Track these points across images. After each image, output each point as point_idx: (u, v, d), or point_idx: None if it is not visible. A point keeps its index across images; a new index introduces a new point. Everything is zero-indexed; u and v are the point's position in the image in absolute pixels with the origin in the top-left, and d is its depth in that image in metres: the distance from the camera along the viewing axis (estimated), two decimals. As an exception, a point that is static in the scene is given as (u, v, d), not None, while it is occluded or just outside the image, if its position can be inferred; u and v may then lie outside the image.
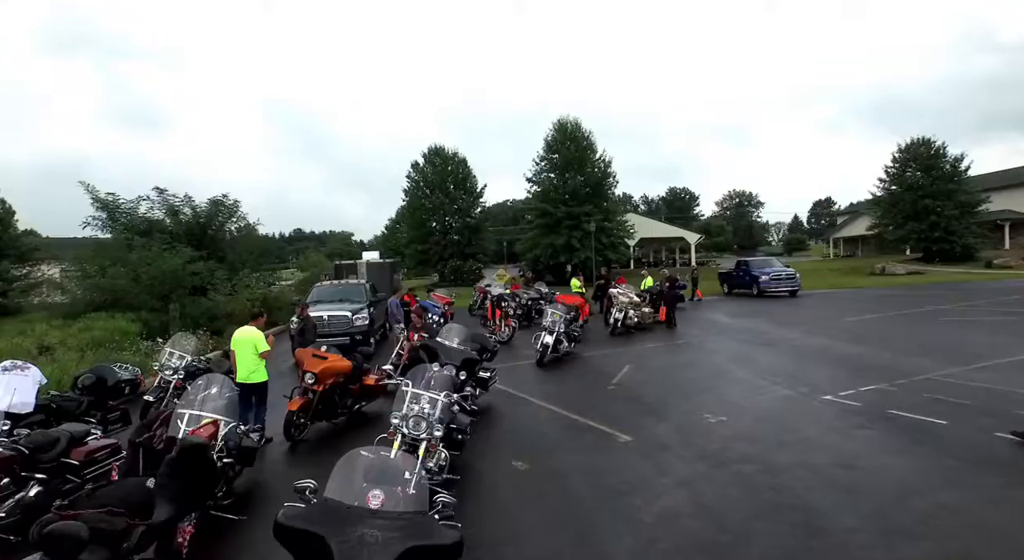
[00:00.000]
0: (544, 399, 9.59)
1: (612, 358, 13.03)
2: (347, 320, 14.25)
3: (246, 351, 8.14)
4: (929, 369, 9.98)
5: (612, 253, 39.42)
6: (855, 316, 17.85)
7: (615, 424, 7.95)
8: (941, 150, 42.51)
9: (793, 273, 26.17)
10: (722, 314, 20.34)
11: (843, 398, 8.59)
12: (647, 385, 10.23)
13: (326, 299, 15.61)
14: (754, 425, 7.68)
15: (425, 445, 5.53)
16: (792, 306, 22.42)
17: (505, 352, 14.69)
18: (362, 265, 20.90)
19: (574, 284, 20.61)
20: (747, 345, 13.80)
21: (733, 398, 9.06)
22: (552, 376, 11.63)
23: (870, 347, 12.45)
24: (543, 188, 41.10)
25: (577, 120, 41.12)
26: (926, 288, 27.11)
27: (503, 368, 12.24)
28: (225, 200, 22.71)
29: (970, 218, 41.15)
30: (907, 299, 22.62)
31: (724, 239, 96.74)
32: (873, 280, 33.65)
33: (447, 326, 9.10)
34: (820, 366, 11.00)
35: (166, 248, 17.18)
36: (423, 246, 44.66)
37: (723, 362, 11.95)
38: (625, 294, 16.79)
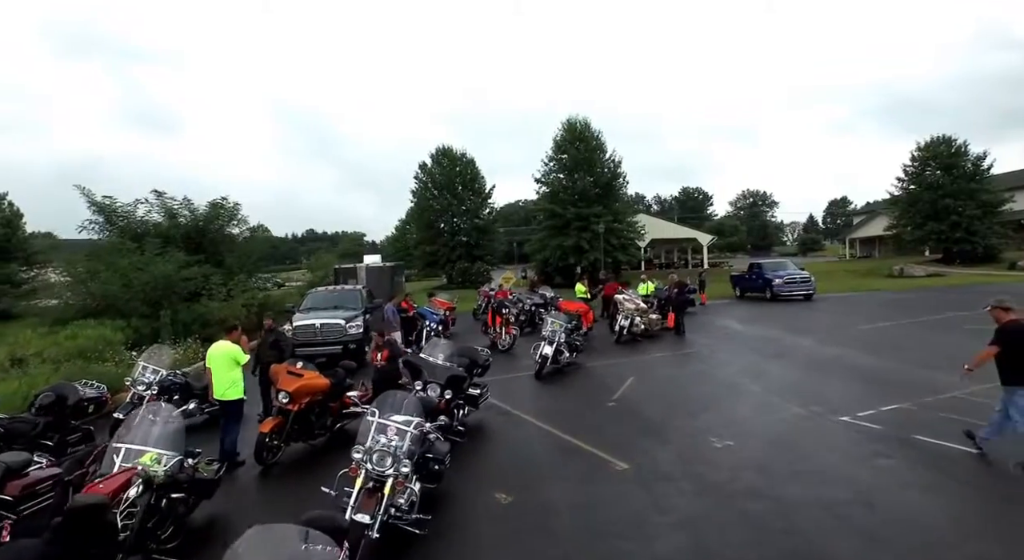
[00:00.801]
0: (538, 417, 8.99)
1: (615, 369, 12.39)
2: (340, 328, 13.74)
3: (222, 366, 7.66)
4: (955, 386, 9.21)
5: (622, 255, 38.72)
6: (872, 323, 17.03)
7: (612, 448, 7.33)
8: (962, 148, 41.26)
9: (807, 276, 25.30)
10: (733, 320, 19.59)
11: (861, 419, 7.90)
12: (650, 401, 9.58)
13: (320, 306, 15.12)
14: (764, 451, 7.02)
15: (391, 482, 4.96)
16: (806, 311, 21.59)
17: (505, 361, 14.14)
18: (361, 269, 20.40)
19: (578, 289, 19.99)
20: (758, 355, 13.09)
21: (741, 418, 8.40)
22: (550, 390, 11.02)
23: (889, 359, 11.70)
24: (552, 189, 40.45)
25: (586, 120, 40.50)
26: (947, 291, 26.10)
27: (500, 380, 11.69)
28: (225, 203, 22.36)
29: (992, 218, 39.89)
30: (927, 304, 21.70)
31: (738, 239, 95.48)
32: (891, 283, 32.62)
33: (432, 341, 8.53)
34: (836, 380, 10.29)
35: (158, 253, 16.78)
36: (431, 247, 44.16)
37: (732, 375, 11.27)
38: (631, 300, 16.13)
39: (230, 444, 7.60)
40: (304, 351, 13.61)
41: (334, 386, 8.03)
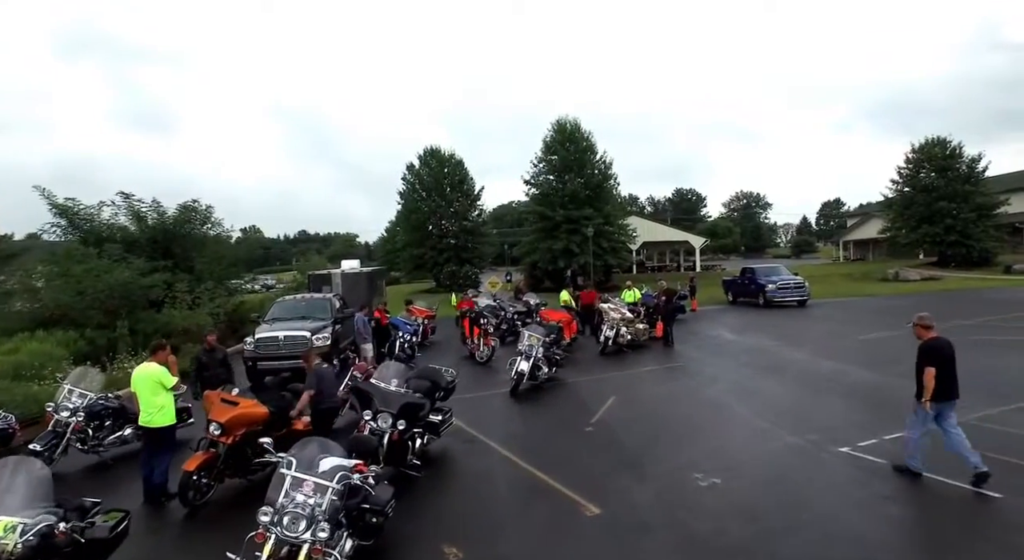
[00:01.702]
0: (508, 445, 8.14)
1: (596, 386, 11.57)
2: (305, 340, 12.83)
3: (147, 390, 6.77)
4: (965, 409, 8.44)
5: (613, 258, 37.92)
6: (870, 332, 16.28)
7: (584, 487, 6.50)
8: (957, 150, 40.71)
9: (802, 282, 24.58)
10: (725, 329, 18.82)
11: (863, 451, 7.10)
12: (631, 426, 8.76)
13: (287, 316, 14.22)
14: (754, 492, 6.20)
15: (307, 550, 4.11)
16: (800, 318, 20.86)
17: (482, 375, 13.33)
18: (336, 275, 19.40)
19: (563, 297, 19.07)
20: (750, 370, 12.30)
21: (730, 449, 7.58)
22: (524, 411, 10.18)
23: (891, 375, 10.91)
24: (541, 191, 39.60)
25: (576, 120, 39.64)
26: (944, 297, 25.43)
27: (473, 398, 10.91)
28: (197, 205, 21.42)
29: (987, 221, 39.36)
30: (927, 311, 20.92)
31: (731, 241, 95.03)
32: (886, 287, 31.98)
33: (384, 363, 7.66)
34: (833, 401, 9.51)
35: (117, 259, 15.85)
36: (418, 250, 43.21)
37: (721, 394, 10.46)
38: (616, 309, 15.32)
39: (160, 476, 6.74)
40: (267, 365, 12.78)
41: (275, 415, 7.17)
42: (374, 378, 7.37)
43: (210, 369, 8.93)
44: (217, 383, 8.91)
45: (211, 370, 8.92)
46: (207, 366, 8.96)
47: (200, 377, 8.93)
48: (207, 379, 8.83)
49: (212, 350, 9.14)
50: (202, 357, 9.10)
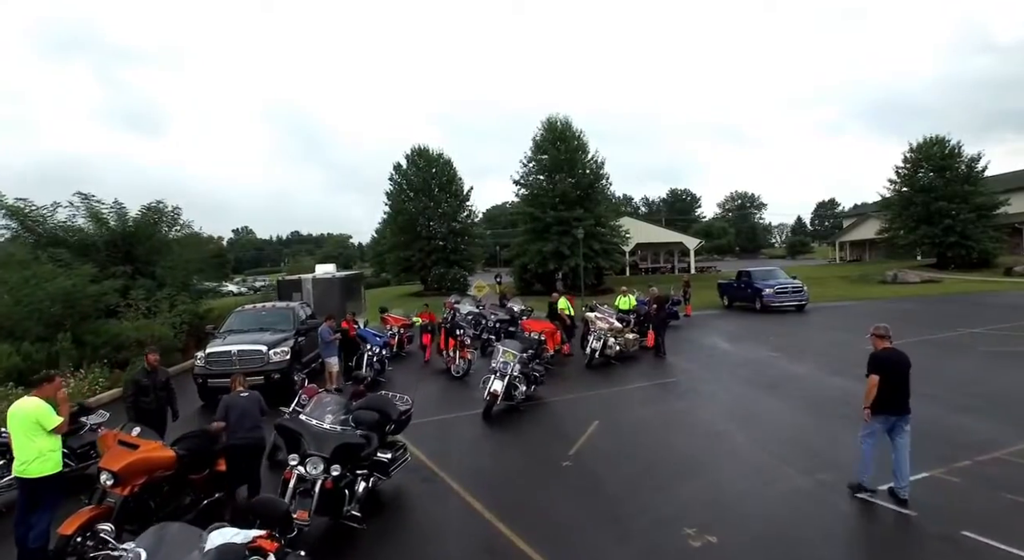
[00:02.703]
0: (470, 485, 7.02)
1: (579, 407, 10.46)
2: (261, 355, 11.68)
3: (21, 432, 5.58)
4: (995, 440, 7.41)
5: (604, 260, 36.76)
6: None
7: (553, 546, 5.39)
8: (956, 150, 39.84)
9: (800, 286, 23.57)
10: (720, 337, 17.75)
11: (884, 498, 6.01)
12: (613, 461, 7.64)
13: (244, 327, 13.06)
14: (756, 556, 5.11)
15: None
16: (799, 325, 19.82)
17: (456, 392, 12.21)
18: (307, 281, 18.21)
19: (561, 304, 17.51)
20: (748, 387, 11.22)
21: (728, 494, 6.46)
22: (495, 439, 9.05)
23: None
24: (531, 191, 38.45)
25: (567, 119, 38.48)
26: (947, 301, 24.46)
27: (442, 420, 9.84)
28: (162, 206, 20.23)
29: (987, 222, 38.49)
30: (930, 317, 20.00)
31: (726, 241, 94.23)
32: (885, 290, 31.02)
33: (318, 397, 6.51)
34: (843, 429, 8.39)
35: (62, 264, 14.65)
36: (405, 252, 41.99)
37: (717, 418, 9.37)
38: (604, 319, 14.22)
39: (37, 539, 5.53)
40: (218, 383, 11.61)
41: (188, 458, 6.02)
42: (305, 413, 6.20)
43: (149, 394, 7.70)
44: (158, 410, 7.79)
45: (151, 395, 7.70)
46: (146, 390, 7.71)
47: (136, 404, 7.66)
48: (145, 406, 7.64)
49: (153, 371, 7.90)
50: (140, 380, 7.82)
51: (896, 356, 6.07)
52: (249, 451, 6.37)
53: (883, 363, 6.02)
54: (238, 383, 6.84)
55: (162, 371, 8.17)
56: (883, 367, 5.99)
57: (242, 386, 6.86)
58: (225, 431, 6.25)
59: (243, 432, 6.32)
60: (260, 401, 6.67)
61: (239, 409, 6.42)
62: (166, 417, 7.84)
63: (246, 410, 6.44)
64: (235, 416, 6.36)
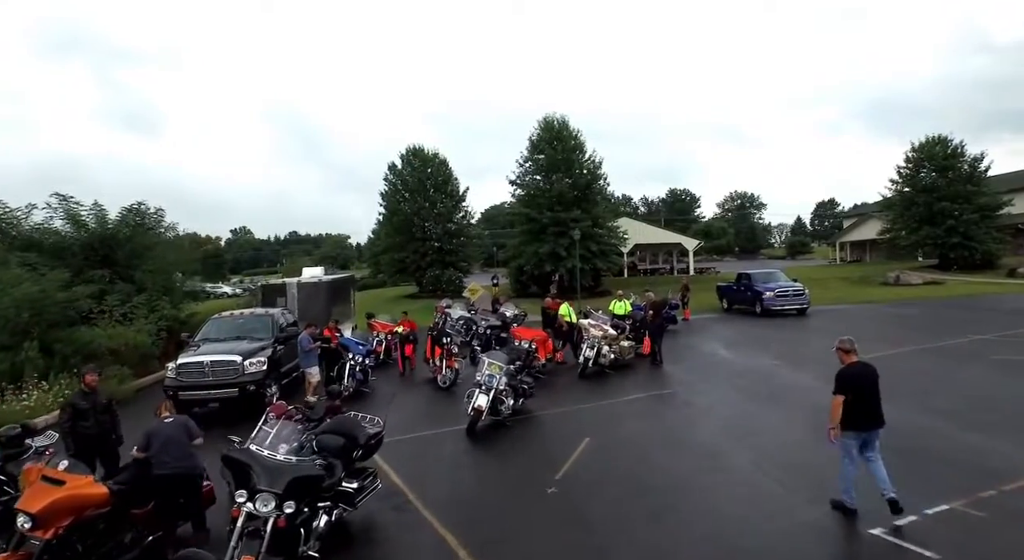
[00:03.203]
0: (446, 516, 6.41)
1: (569, 422, 9.87)
2: (236, 366, 11.06)
3: None
4: (1021, 466, 6.79)
5: (602, 262, 36.12)
6: (880, 350, 14.52)
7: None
8: (958, 149, 39.27)
9: (801, 289, 22.96)
10: (719, 343, 17.15)
11: (903, 536, 5.39)
12: (603, 486, 7.03)
13: (220, 335, 12.44)
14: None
15: None
16: (801, 330, 19.24)
17: (441, 404, 11.62)
18: (291, 286, 17.51)
19: (562, 310, 16.76)
20: (748, 399, 10.63)
21: (725, 526, 5.84)
22: (477, 459, 8.46)
23: (916, 411, 9.25)
24: (527, 192, 37.84)
25: (564, 118, 37.87)
26: (952, 305, 23.86)
27: (421, 438, 9.26)
28: (143, 208, 19.60)
29: (990, 222, 37.92)
30: (936, 322, 19.41)
31: (726, 241, 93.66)
32: (887, 292, 30.43)
33: (269, 423, 5.88)
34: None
35: (32, 268, 14.03)
36: (400, 254, 41.34)
37: (715, 435, 8.77)
38: (598, 326, 13.60)
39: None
40: (190, 395, 11.04)
41: (124, 494, 5.42)
42: (253, 442, 5.57)
43: (89, 418, 6.93)
44: (100, 435, 7.09)
45: (90, 419, 6.93)
46: (84, 414, 6.94)
47: (75, 429, 6.90)
48: (84, 431, 6.88)
49: (91, 393, 7.16)
50: (78, 403, 7.07)
51: (863, 370, 5.94)
52: (180, 483, 5.71)
53: (851, 380, 5.85)
54: (164, 409, 6.19)
55: (103, 392, 7.43)
56: (851, 384, 5.82)
57: (168, 412, 6.21)
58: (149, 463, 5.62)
59: (171, 462, 5.67)
60: (188, 426, 6.04)
61: (162, 437, 5.79)
62: (112, 442, 7.16)
63: (170, 438, 5.80)
64: (157, 445, 5.73)
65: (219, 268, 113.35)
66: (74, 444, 6.68)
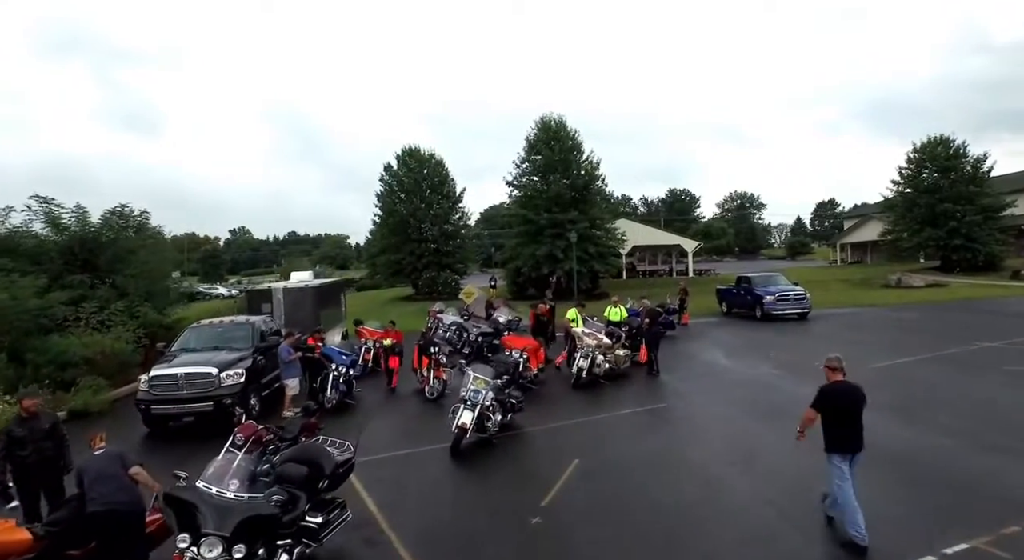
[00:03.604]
0: (419, 547, 5.91)
1: (559, 440, 9.35)
2: (211, 379, 10.54)
3: None
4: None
5: (599, 264, 35.56)
6: (885, 358, 14.13)
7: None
8: (961, 150, 38.75)
9: (802, 293, 22.44)
10: (719, 350, 16.64)
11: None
12: (590, 516, 6.51)
13: (198, 345, 11.91)
14: None
15: None
16: (802, 336, 18.71)
17: (425, 419, 11.10)
18: (278, 291, 16.83)
19: (570, 315, 15.41)
20: (749, 415, 10.11)
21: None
22: (457, 483, 7.91)
23: (928, 429, 8.79)
24: (524, 193, 37.31)
25: (562, 118, 37.35)
26: (957, 309, 23.35)
27: (403, 457, 8.76)
28: (127, 210, 19.08)
29: (993, 224, 37.41)
30: (941, 327, 18.90)
31: (725, 242, 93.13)
32: (889, 295, 29.92)
33: (221, 456, 5.34)
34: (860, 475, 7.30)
35: (3, 273, 13.51)
36: (396, 255, 40.76)
37: (713, 457, 8.25)
38: (592, 334, 13.09)
39: None
40: (163, 410, 10.53)
41: (55, 538, 4.89)
42: (201, 479, 5.03)
43: (27, 446, 6.14)
44: (42, 463, 6.25)
45: (28, 447, 6.14)
46: (21, 442, 6.14)
47: (11, 459, 6.13)
48: (23, 460, 6.13)
49: (31, 418, 6.34)
50: (13, 429, 6.25)
51: (848, 389, 5.73)
52: (116, 520, 5.09)
53: (832, 398, 5.70)
54: (97, 440, 5.58)
55: (45, 417, 6.56)
56: (832, 402, 5.67)
57: (101, 442, 5.60)
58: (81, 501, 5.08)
59: (104, 498, 5.07)
60: (122, 457, 5.45)
61: (93, 472, 5.21)
62: (57, 472, 6.44)
63: (102, 471, 5.21)
64: (89, 480, 5.17)
65: (217, 268, 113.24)
66: (12, 475, 6.09)
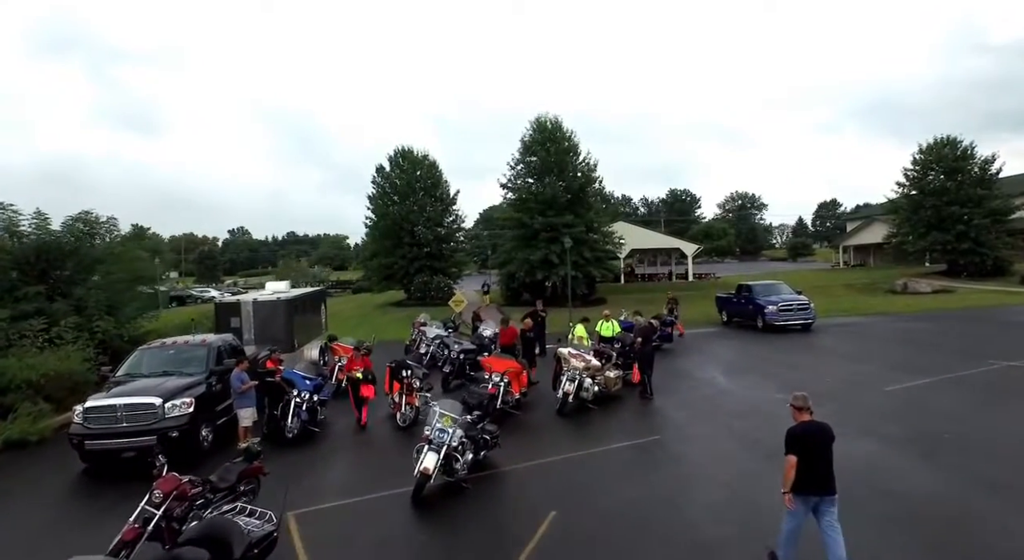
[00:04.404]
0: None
1: (536, 484, 8.31)
2: (154, 410, 9.49)
3: None
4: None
5: (596, 269, 34.45)
6: (899, 378, 13.05)
7: None
8: (968, 151, 37.63)
9: (806, 303, 21.36)
10: (717, 367, 15.60)
11: None
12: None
13: (146, 370, 10.86)
14: None
15: None
16: (808, 351, 17.66)
17: (390, 454, 10.01)
18: (247, 305, 15.81)
19: (578, 332, 14.77)
20: (750, 453, 9.06)
21: None
22: (414, 543, 6.82)
23: (955, 478, 7.72)
24: (519, 195, 36.19)
25: (558, 118, 36.27)
26: (969, 319, 22.25)
27: (359, 503, 7.69)
28: (92, 217, 18.07)
29: (1001, 227, 36.32)
30: (957, 341, 17.79)
31: (726, 243, 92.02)
32: (896, 302, 28.86)
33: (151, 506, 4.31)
34: (887, 533, 6.26)
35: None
36: (387, 259, 39.63)
37: (710, 511, 7.20)
38: (579, 356, 12.02)
39: None
40: (99, 445, 9.44)
41: None
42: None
43: None
44: None
45: None
46: None
47: None
48: None
49: None
50: None
51: (815, 429, 5.61)
52: None
53: (800, 440, 5.51)
54: None
55: None
56: (800, 444, 5.49)
57: None
58: None
59: None
60: None
61: None
62: None
63: None
64: None
65: (213, 270, 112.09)
66: None
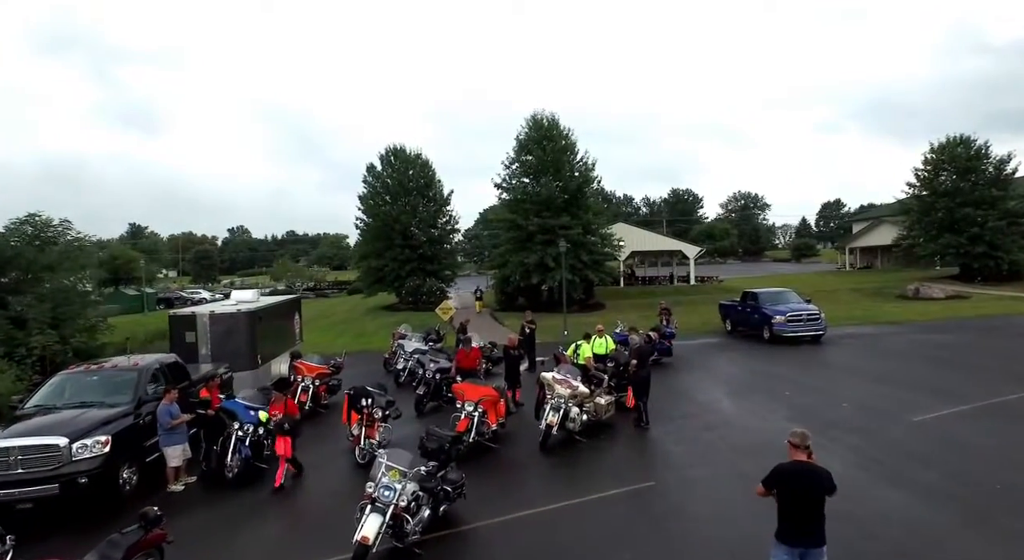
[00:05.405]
0: None
1: (505, 549, 6.88)
2: (57, 453, 8.07)
3: None
4: None
5: (593, 273, 32.94)
6: (927, 407, 11.52)
7: None
8: (982, 150, 36.03)
9: (816, 313, 19.86)
10: (720, 386, 14.15)
11: None
12: None
13: (62, 401, 9.41)
14: None
15: None
16: (820, 367, 16.19)
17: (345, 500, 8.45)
18: (203, 317, 14.07)
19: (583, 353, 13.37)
20: (759, 507, 7.54)
21: None
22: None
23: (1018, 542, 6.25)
24: (513, 196, 34.73)
25: (554, 116, 34.79)
26: (990, 330, 20.75)
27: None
28: (40, 220, 16.65)
29: (1017, 229, 34.73)
30: (987, 357, 16.27)
31: (728, 243, 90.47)
32: (908, 308, 27.31)
33: None
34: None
35: None
36: (378, 262, 38.15)
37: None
38: (566, 382, 10.54)
39: None
40: (-9, 494, 8.02)
41: None
42: None
43: None
44: None
45: None
46: None
47: None
48: None
49: None
50: None
51: (806, 472, 4.87)
52: None
53: (784, 478, 4.89)
54: None
55: None
56: (783, 483, 4.88)
57: None
58: None
59: None
60: None
61: None
62: None
63: None
64: None
65: (210, 269, 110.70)
66: None
